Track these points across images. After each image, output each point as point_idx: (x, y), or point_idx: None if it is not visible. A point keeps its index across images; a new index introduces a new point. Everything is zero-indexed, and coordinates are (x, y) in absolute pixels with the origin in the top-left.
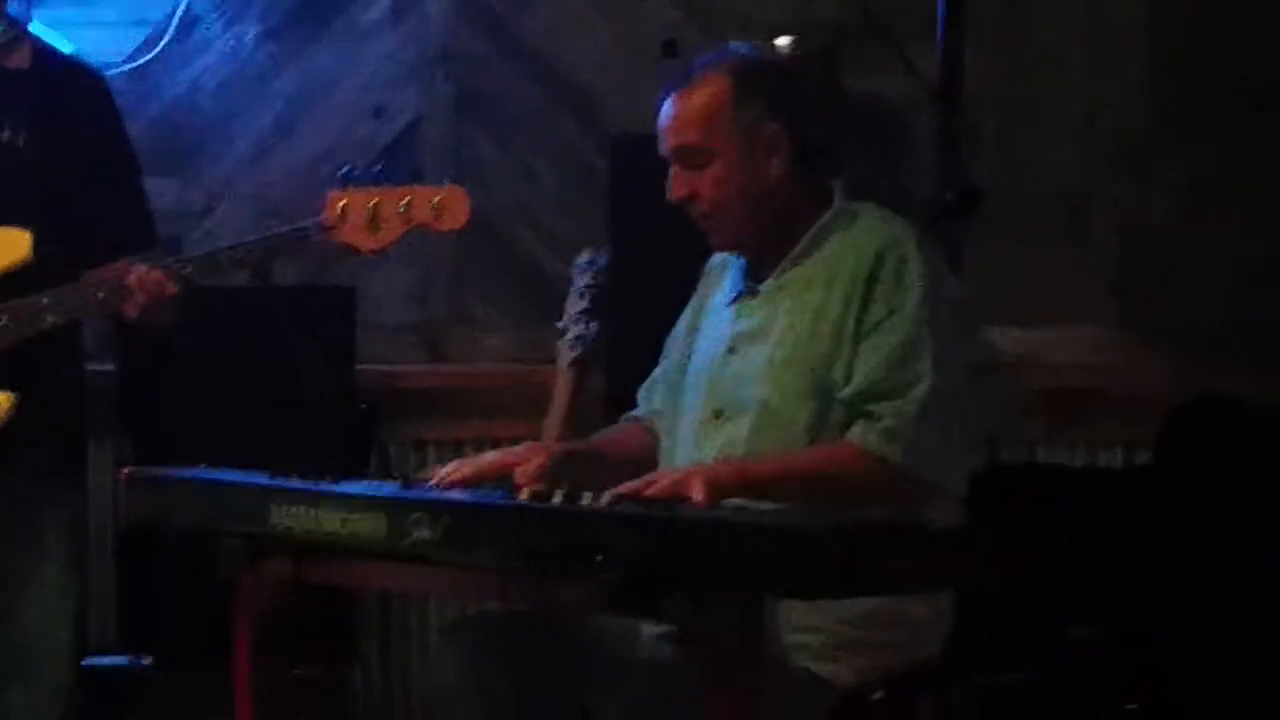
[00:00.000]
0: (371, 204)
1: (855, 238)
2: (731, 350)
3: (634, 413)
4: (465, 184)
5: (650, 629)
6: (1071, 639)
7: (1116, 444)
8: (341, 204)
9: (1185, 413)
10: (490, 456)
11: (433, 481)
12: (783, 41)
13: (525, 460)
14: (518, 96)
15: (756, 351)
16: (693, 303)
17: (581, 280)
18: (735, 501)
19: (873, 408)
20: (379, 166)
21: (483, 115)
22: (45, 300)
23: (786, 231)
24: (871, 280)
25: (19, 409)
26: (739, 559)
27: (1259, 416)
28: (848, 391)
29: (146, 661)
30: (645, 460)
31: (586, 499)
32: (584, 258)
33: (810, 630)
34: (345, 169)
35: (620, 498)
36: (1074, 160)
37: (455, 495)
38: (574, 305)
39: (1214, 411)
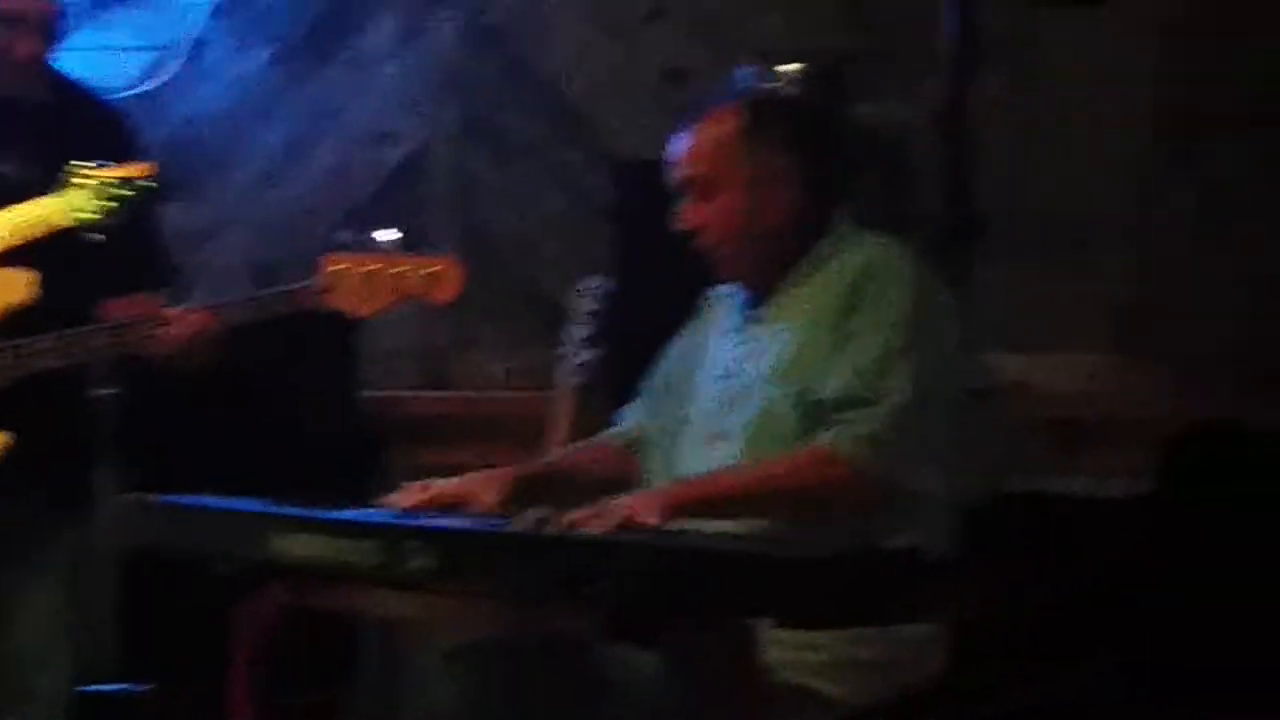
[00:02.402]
0: (366, 270)
1: (850, 254)
2: (730, 375)
3: (610, 432)
4: (469, 209)
5: (646, 657)
6: (1075, 667)
7: (1119, 472)
8: (336, 268)
9: (1189, 440)
10: (449, 481)
11: (390, 504)
12: (790, 68)
13: (484, 488)
14: (523, 123)
15: (752, 373)
16: (692, 331)
17: (584, 306)
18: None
19: (849, 414)
20: (379, 234)
21: (488, 141)
22: (51, 343)
23: (790, 259)
24: (857, 290)
25: (20, 446)
26: (735, 588)
27: (1263, 444)
28: (826, 396)
29: (145, 688)
30: (615, 482)
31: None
32: (587, 284)
33: (811, 648)
34: (342, 232)
35: (573, 523)
36: (1079, 185)
37: (452, 523)
38: (577, 331)
39: (1218, 439)
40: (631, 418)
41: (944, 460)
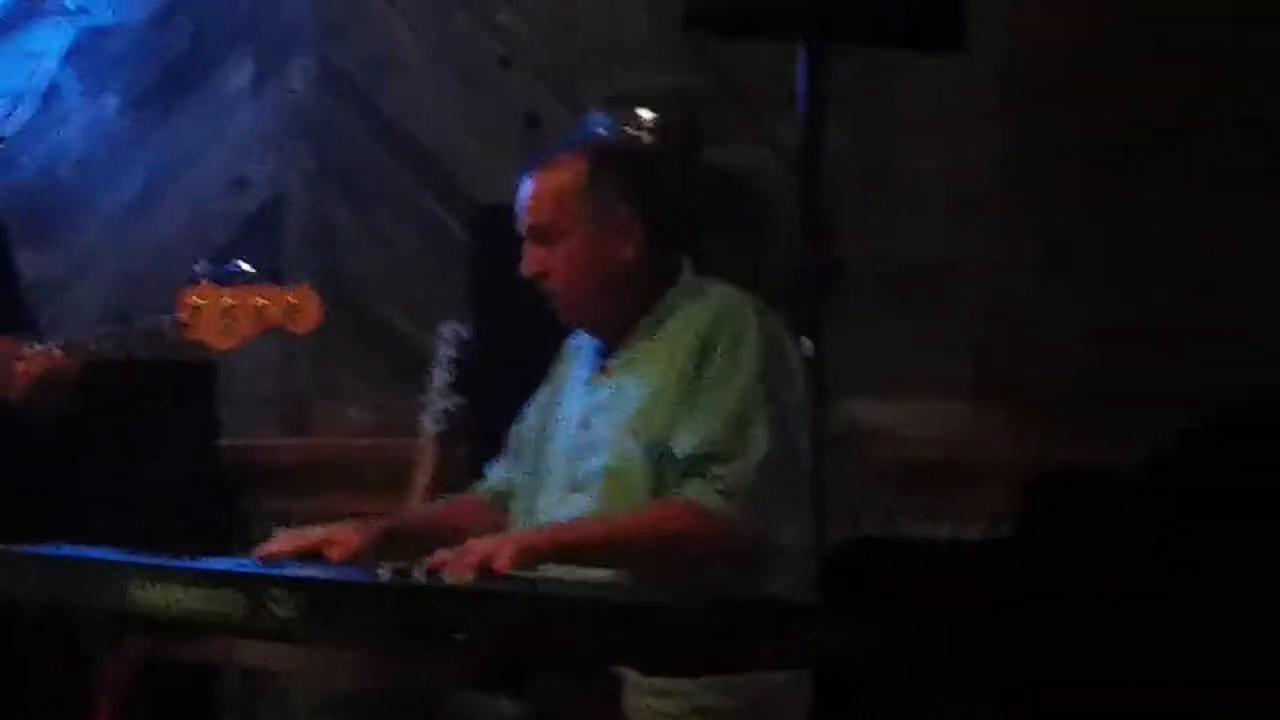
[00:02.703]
0: (225, 304)
1: (698, 310)
2: (584, 425)
3: (478, 485)
4: (328, 255)
5: (512, 706)
6: (935, 709)
7: (979, 516)
8: (195, 303)
9: (1043, 484)
10: (311, 531)
11: (256, 556)
12: (644, 114)
13: (344, 539)
14: (379, 168)
15: (605, 423)
16: (550, 380)
17: (445, 353)
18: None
19: (712, 469)
20: (234, 266)
21: (345, 186)
22: None
23: (636, 309)
24: (708, 345)
25: None
26: (601, 637)
27: (1116, 485)
28: (684, 451)
29: None
30: (479, 533)
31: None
32: (447, 329)
33: (669, 695)
34: (200, 264)
35: (430, 567)
36: (933, 230)
37: (314, 572)
38: (438, 378)
39: (1072, 482)
40: (498, 470)
41: (802, 510)
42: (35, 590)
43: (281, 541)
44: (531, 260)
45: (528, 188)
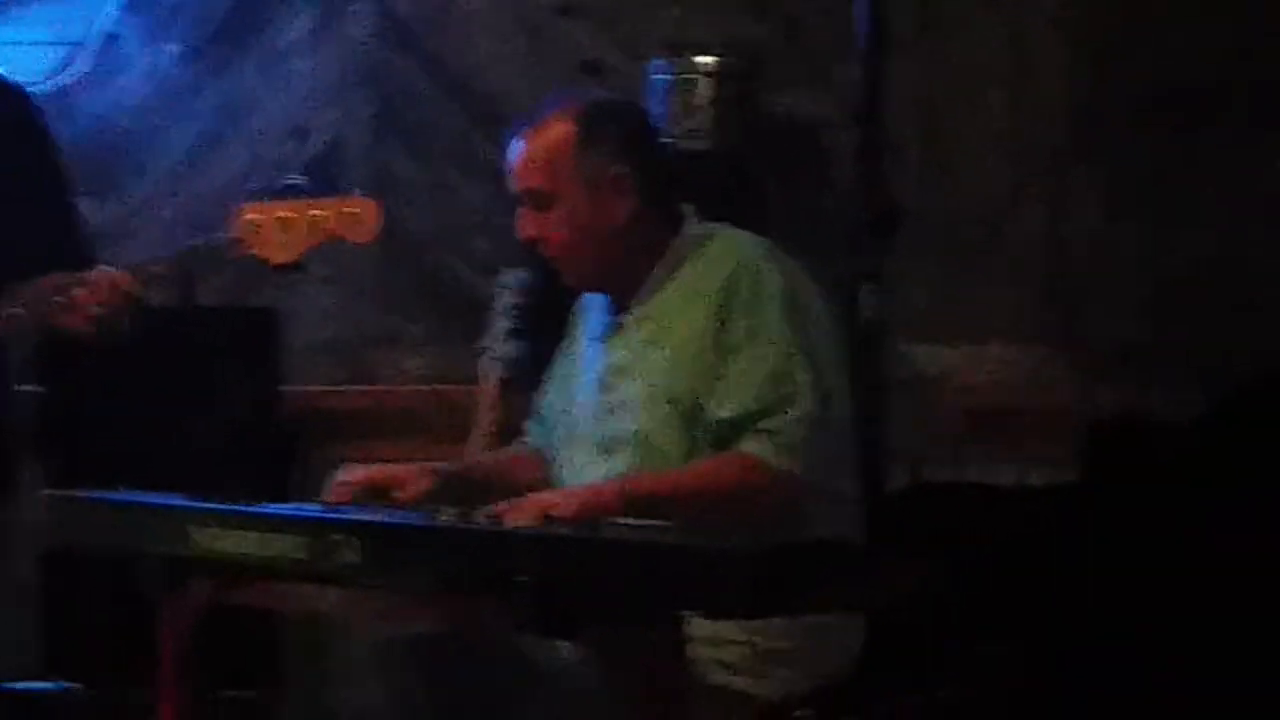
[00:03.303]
0: (281, 216)
1: (709, 261)
2: (606, 386)
3: (525, 439)
4: (387, 204)
5: (571, 649)
6: (996, 656)
7: (1039, 461)
8: (250, 217)
9: (1105, 430)
10: (381, 468)
11: (327, 489)
12: (704, 60)
13: (411, 479)
14: (438, 115)
15: (628, 385)
16: (566, 340)
17: (505, 300)
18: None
19: (763, 424)
20: (291, 179)
21: (403, 134)
22: None
23: (640, 265)
24: (728, 302)
25: None
26: (661, 581)
27: (1177, 433)
28: (729, 414)
29: (72, 686)
30: (533, 487)
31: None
32: (507, 276)
33: (728, 643)
34: (257, 185)
35: (493, 515)
36: (995, 175)
37: (376, 516)
38: (498, 325)
39: (1133, 428)
40: (533, 429)
41: (848, 452)
42: (98, 535)
43: (353, 473)
44: (526, 225)
45: (516, 151)
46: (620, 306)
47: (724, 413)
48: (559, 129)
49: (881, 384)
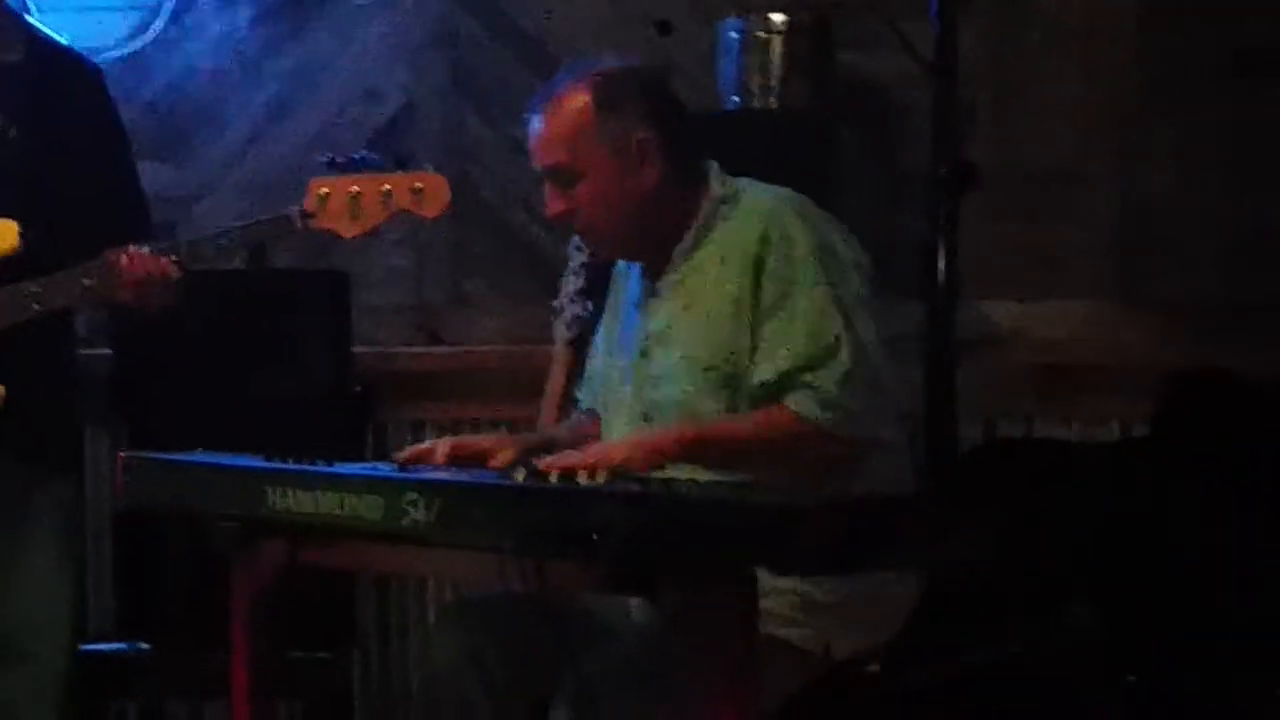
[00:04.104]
0: (352, 191)
1: (738, 222)
2: (645, 353)
3: (584, 406)
4: (460, 165)
5: (644, 606)
6: (1067, 614)
7: (1113, 418)
8: (322, 191)
9: (1181, 386)
10: (471, 439)
11: (403, 457)
12: (776, 18)
13: (504, 450)
14: (511, 77)
15: (667, 352)
16: (607, 306)
17: (577, 259)
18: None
19: (805, 378)
20: (362, 154)
21: (476, 96)
22: (32, 288)
23: (671, 229)
24: (760, 263)
25: (9, 398)
26: (733, 538)
27: (1256, 391)
28: (771, 374)
29: (145, 647)
30: None
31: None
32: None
33: (776, 594)
34: (328, 157)
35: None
36: (1069, 134)
37: (450, 476)
38: (570, 285)
39: (1211, 386)
40: (584, 394)
41: (891, 401)
42: (174, 496)
43: (440, 444)
44: (553, 201)
45: (535, 127)
46: (655, 273)
47: (765, 375)
48: (576, 101)
49: (955, 341)
